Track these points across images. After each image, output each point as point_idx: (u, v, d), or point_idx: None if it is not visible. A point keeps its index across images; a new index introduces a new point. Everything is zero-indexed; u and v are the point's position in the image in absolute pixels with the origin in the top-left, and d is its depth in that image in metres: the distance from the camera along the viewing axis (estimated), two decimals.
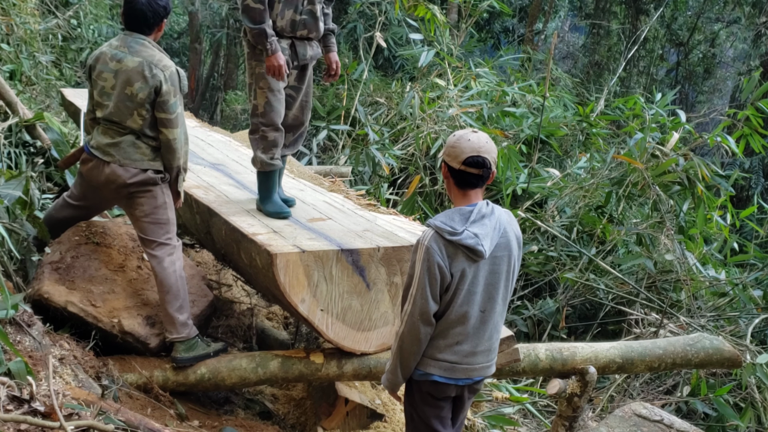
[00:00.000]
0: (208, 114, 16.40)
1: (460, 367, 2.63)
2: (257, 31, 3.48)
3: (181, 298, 3.40)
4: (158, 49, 3.34)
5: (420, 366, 2.63)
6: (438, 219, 2.53)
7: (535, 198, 7.88)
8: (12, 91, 5.31)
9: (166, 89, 3.24)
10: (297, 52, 3.67)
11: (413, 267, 2.53)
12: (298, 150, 4.08)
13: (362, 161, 7.74)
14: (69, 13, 9.72)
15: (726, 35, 16.62)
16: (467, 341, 2.61)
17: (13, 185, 3.57)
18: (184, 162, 3.42)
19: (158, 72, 3.23)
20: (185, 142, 3.39)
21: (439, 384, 2.65)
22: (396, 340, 2.61)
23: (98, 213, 3.96)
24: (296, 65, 3.72)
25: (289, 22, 3.59)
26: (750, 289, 6.35)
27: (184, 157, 3.41)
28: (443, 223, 2.49)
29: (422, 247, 2.49)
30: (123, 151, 3.33)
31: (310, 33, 3.67)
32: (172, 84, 3.27)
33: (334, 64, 3.84)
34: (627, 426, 3.67)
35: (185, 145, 3.40)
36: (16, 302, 2.76)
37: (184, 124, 3.38)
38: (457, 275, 2.50)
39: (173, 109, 3.28)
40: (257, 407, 4.02)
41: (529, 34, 14.12)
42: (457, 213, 2.53)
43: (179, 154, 3.36)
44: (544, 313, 6.66)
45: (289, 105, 3.81)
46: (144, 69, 3.24)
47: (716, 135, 7.08)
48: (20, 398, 2.32)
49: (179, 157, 3.37)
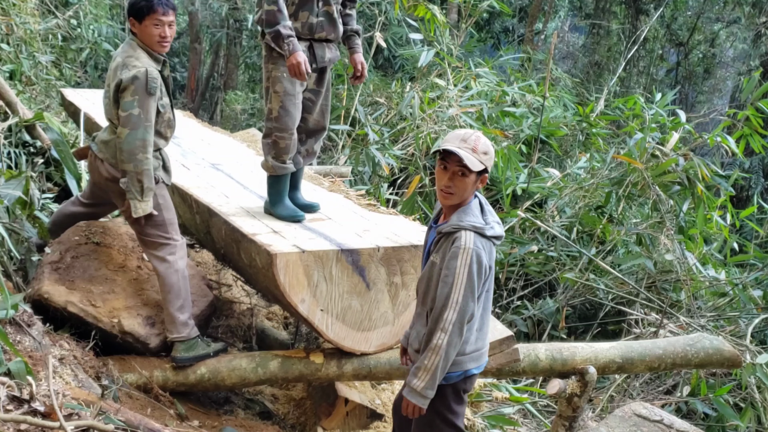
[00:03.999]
0: (208, 114, 16.39)
1: (485, 350, 2.66)
2: (273, 34, 3.38)
3: (182, 298, 3.40)
4: (142, 50, 3.29)
5: (454, 367, 2.54)
6: (466, 220, 2.48)
7: (535, 198, 7.88)
8: (12, 91, 5.32)
9: (124, 86, 3.19)
10: (315, 54, 3.59)
11: (454, 274, 2.42)
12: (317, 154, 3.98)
13: (362, 161, 7.74)
14: (69, 13, 9.73)
15: (726, 35, 16.62)
16: (486, 324, 2.63)
17: (13, 185, 3.58)
18: (138, 171, 3.22)
19: (125, 70, 3.20)
20: (139, 150, 3.20)
21: (474, 376, 2.64)
22: (435, 354, 2.44)
23: (106, 213, 3.97)
24: (315, 68, 3.62)
25: (305, 25, 3.51)
26: (750, 289, 6.35)
27: (135, 165, 3.21)
28: (476, 221, 2.47)
29: (466, 252, 2.42)
30: (111, 150, 3.34)
31: (328, 35, 3.59)
32: (132, 83, 3.18)
33: (360, 65, 3.71)
34: (627, 426, 3.67)
35: (139, 153, 3.20)
36: (16, 302, 2.76)
37: (139, 130, 3.20)
38: (492, 267, 2.52)
39: (126, 108, 3.19)
40: (257, 407, 4.02)
41: (529, 34, 14.12)
42: (474, 208, 2.52)
43: (124, 157, 3.21)
44: (544, 313, 6.66)
45: (310, 109, 3.72)
46: (118, 68, 3.24)
47: (716, 135, 7.08)
48: (20, 398, 2.32)
49: (125, 161, 3.21)
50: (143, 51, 3.29)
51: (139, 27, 3.28)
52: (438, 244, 2.55)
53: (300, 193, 3.91)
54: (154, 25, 3.26)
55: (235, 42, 15.86)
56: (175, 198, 4.04)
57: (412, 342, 2.69)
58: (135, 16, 3.27)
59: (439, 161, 2.50)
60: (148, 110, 3.23)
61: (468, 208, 2.52)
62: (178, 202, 4.13)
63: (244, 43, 15.64)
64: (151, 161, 3.28)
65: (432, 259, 2.56)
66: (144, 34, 3.28)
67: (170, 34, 3.32)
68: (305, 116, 3.71)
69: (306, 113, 3.70)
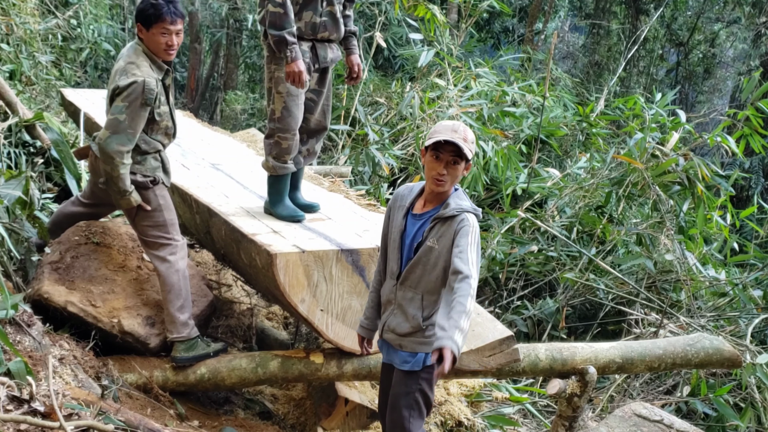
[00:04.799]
0: (208, 114, 16.39)
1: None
2: (277, 38, 3.36)
3: (182, 298, 3.40)
4: (146, 57, 3.28)
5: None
6: (464, 204, 2.67)
7: (535, 198, 7.88)
8: (12, 91, 5.32)
9: (119, 91, 3.19)
10: (318, 54, 3.58)
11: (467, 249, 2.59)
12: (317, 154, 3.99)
13: (362, 161, 7.74)
14: (69, 13, 9.73)
15: (726, 35, 16.61)
16: None
17: (13, 185, 3.57)
18: (115, 175, 3.23)
19: (124, 77, 3.20)
20: (116, 156, 3.20)
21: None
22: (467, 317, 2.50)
23: (106, 213, 3.97)
24: (317, 68, 3.62)
25: (309, 25, 3.50)
26: (750, 289, 6.35)
27: (113, 168, 3.22)
28: (472, 205, 2.70)
29: (474, 229, 2.63)
30: None
31: (331, 35, 3.59)
32: (126, 90, 3.17)
33: (356, 66, 3.73)
34: (627, 426, 3.66)
35: (116, 158, 3.20)
36: (16, 302, 2.76)
37: (121, 135, 3.20)
38: None
39: (114, 111, 3.20)
40: (257, 407, 4.02)
41: (529, 34, 14.12)
42: (462, 194, 2.73)
43: (104, 158, 3.21)
44: (544, 313, 6.66)
45: (311, 109, 3.72)
46: (118, 72, 3.25)
47: (716, 135, 7.08)
48: (20, 398, 2.32)
49: (104, 162, 3.22)
50: (146, 58, 3.28)
51: (147, 34, 3.27)
52: (434, 230, 2.66)
53: (300, 193, 3.91)
54: (161, 34, 3.25)
55: (235, 42, 15.86)
56: (175, 198, 4.04)
57: (396, 327, 2.76)
58: (143, 23, 3.26)
59: (432, 151, 2.63)
60: (135, 120, 3.22)
61: (460, 193, 2.72)
62: (178, 202, 4.13)
63: (244, 43, 15.64)
64: (128, 167, 3.27)
65: (428, 244, 2.66)
66: (151, 41, 3.27)
67: (177, 42, 3.31)
68: (307, 116, 3.70)
69: (307, 113, 3.70)
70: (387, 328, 2.81)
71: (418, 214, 2.74)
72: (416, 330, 2.72)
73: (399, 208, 2.80)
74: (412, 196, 2.79)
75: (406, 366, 2.76)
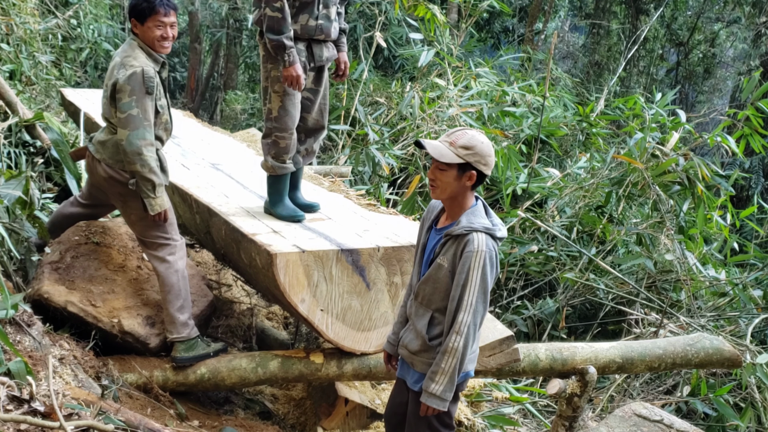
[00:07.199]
0: (208, 114, 16.39)
1: (478, 350, 2.69)
2: (276, 43, 3.36)
3: (182, 298, 3.40)
4: (141, 50, 3.28)
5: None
6: (477, 222, 2.48)
7: (535, 198, 7.88)
8: (12, 91, 5.32)
9: (120, 86, 3.18)
10: (313, 53, 3.58)
11: (468, 276, 2.43)
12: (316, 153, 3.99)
13: (362, 161, 7.73)
14: (69, 13, 9.73)
15: (726, 35, 16.62)
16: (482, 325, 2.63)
17: (13, 185, 3.57)
18: (146, 170, 3.23)
19: (122, 70, 3.19)
20: (143, 150, 3.21)
21: (469, 378, 2.67)
22: (452, 357, 2.45)
23: (105, 213, 3.97)
24: (313, 67, 3.62)
25: (305, 27, 3.49)
26: (750, 289, 6.35)
27: (142, 165, 3.22)
28: (486, 223, 2.48)
29: (480, 254, 2.42)
30: (109, 151, 3.34)
31: (327, 36, 3.60)
32: (129, 83, 3.17)
33: (343, 64, 3.74)
34: (627, 426, 3.66)
35: (144, 153, 3.21)
36: (16, 302, 2.76)
37: (140, 130, 3.20)
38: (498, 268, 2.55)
39: (124, 109, 3.19)
40: (257, 407, 4.02)
41: (529, 34, 14.12)
42: (479, 211, 2.53)
43: (130, 158, 3.21)
44: (544, 313, 6.66)
45: (308, 108, 3.72)
46: (115, 67, 3.24)
47: (716, 135, 7.08)
48: (20, 398, 2.32)
49: (132, 162, 3.22)
50: (142, 51, 3.28)
51: (141, 28, 3.28)
52: (445, 247, 2.53)
53: (300, 192, 3.91)
54: (156, 26, 3.26)
55: (235, 42, 15.87)
56: (175, 198, 4.04)
57: (408, 343, 2.67)
58: (137, 17, 3.27)
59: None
60: (146, 109, 3.22)
61: (476, 209, 2.53)
62: (178, 202, 4.13)
63: (244, 43, 15.65)
64: (155, 158, 3.28)
65: (438, 261, 2.54)
66: (146, 35, 3.28)
67: (172, 34, 3.32)
68: (304, 115, 3.70)
69: (305, 112, 3.70)
70: (402, 343, 2.73)
71: (439, 228, 2.63)
72: (424, 349, 2.61)
73: (426, 221, 2.70)
74: (439, 208, 2.67)
75: (417, 387, 2.65)
